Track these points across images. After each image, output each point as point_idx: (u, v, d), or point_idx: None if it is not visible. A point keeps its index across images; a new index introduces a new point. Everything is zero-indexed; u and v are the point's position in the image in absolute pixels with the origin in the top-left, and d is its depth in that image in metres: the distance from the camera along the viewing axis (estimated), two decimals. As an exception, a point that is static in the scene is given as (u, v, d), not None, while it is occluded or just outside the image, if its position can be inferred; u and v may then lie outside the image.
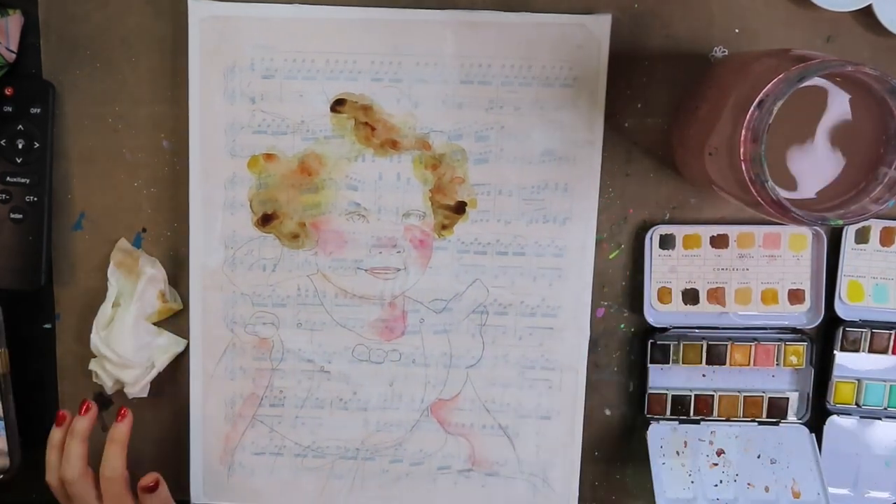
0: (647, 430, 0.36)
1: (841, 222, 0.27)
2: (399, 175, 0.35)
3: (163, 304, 0.36)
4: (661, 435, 0.36)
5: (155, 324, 0.37)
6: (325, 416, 0.36)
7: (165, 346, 0.37)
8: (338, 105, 0.34)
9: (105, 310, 0.36)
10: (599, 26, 0.33)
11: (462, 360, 0.36)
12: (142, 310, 0.36)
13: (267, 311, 0.36)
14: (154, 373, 0.36)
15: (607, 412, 0.38)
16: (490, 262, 0.35)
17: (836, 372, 0.36)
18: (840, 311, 0.36)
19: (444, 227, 0.35)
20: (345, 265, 0.35)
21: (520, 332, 0.36)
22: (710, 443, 0.36)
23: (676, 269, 0.36)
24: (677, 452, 0.36)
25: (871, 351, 0.36)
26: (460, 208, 0.35)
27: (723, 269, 0.36)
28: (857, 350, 0.36)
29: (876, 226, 0.35)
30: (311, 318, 0.36)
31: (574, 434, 0.36)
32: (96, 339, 0.36)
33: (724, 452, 0.36)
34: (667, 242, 0.35)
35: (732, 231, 0.36)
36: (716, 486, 0.36)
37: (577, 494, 0.37)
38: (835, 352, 0.36)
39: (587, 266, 0.35)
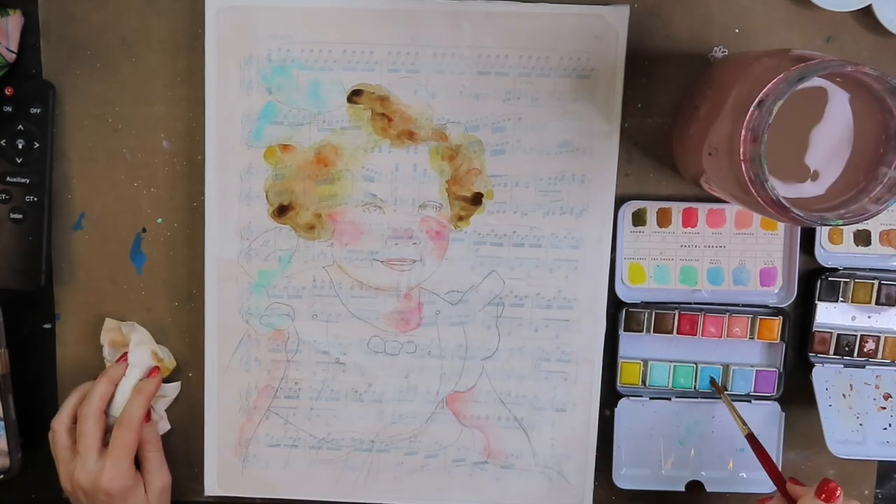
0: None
1: (841, 222, 0.34)
2: (416, 166, 0.44)
3: (159, 363, 0.45)
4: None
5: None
6: (340, 407, 0.46)
7: (160, 393, 0.46)
8: (355, 96, 0.44)
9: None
10: (617, 17, 0.43)
11: (478, 351, 0.46)
12: (140, 373, 0.45)
13: (282, 303, 0.45)
14: (156, 417, 0.46)
15: (607, 412, 0.47)
16: (506, 254, 0.45)
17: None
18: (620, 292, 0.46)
19: (460, 218, 0.45)
20: (361, 256, 0.45)
21: (535, 323, 0.45)
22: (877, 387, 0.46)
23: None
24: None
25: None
26: (477, 199, 0.44)
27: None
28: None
29: (652, 208, 0.45)
30: (326, 309, 0.45)
31: (589, 426, 0.46)
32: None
33: (890, 396, 0.46)
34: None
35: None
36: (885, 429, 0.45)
37: (593, 487, 0.46)
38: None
39: (603, 258, 0.45)
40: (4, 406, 0.44)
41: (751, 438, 0.43)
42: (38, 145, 0.44)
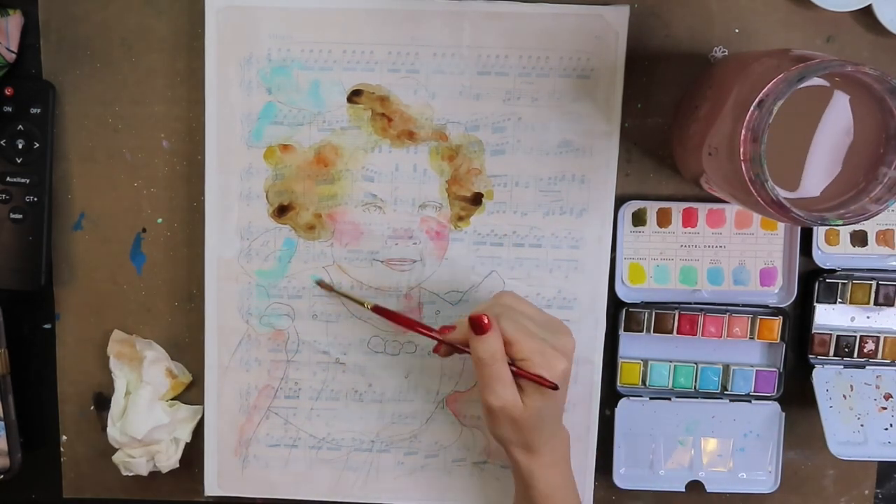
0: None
1: (841, 222, 0.34)
2: (416, 166, 0.44)
3: (173, 379, 0.46)
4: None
5: (172, 399, 0.46)
6: (341, 407, 0.46)
7: (186, 418, 0.46)
8: (355, 96, 0.44)
9: (118, 401, 0.45)
10: (617, 17, 0.43)
11: (478, 351, 0.45)
12: (154, 391, 0.45)
13: (282, 303, 0.45)
14: (182, 445, 0.46)
15: (607, 412, 0.47)
16: (506, 254, 0.45)
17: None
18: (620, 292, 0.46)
19: (460, 218, 0.45)
20: (361, 256, 0.45)
21: (536, 324, 0.45)
22: (877, 387, 0.46)
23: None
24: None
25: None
26: (477, 199, 0.44)
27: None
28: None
29: (652, 208, 0.45)
30: (326, 309, 0.45)
31: (590, 426, 0.46)
32: (113, 432, 0.45)
33: (891, 396, 0.46)
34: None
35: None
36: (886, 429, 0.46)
37: (593, 487, 0.46)
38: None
39: (603, 258, 0.45)
40: (4, 406, 0.44)
41: (376, 310, 0.42)
42: (38, 145, 0.44)
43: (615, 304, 0.46)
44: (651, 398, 0.47)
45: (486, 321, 0.37)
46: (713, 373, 0.47)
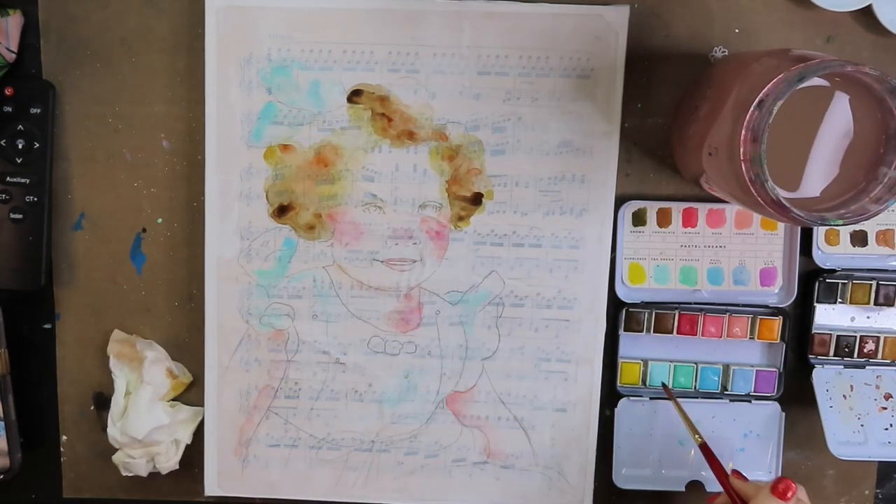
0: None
1: (841, 222, 0.34)
2: (416, 166, 0.44)
3: (174, 380, 0.46)
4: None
5: (173, 399, 0.46)
6: (341, 407, 0.46)
7: (187, 419, 0.46)
8: (355, 96, 0.44)
9: (117, 401, 0.45)
10: (617, 17, 0.43)
11: (478, 351, 0.46)
12: (155, 391, 0.45)
13: (282, 303, 0.45)
14: (182, 447, 0.46)
15: (607, 412, 0.47)
16: (506, 254, 0.45)
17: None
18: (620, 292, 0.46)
19: (460, 218, 0.45)
20: (361, 256, 0.45)
21: (536, 324, 0.45)
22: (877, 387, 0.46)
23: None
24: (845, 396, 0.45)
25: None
26: (477, 199, 0.44)
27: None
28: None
29: (652, 208, 0.45)
30: (326, 309, 0.45)
31: (590, 427, 0.46)
32: (113, 432, 0.45)
33: (891, 396, 0.46)
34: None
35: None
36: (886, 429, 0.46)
37: (593, 487, 0.46)
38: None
39: (604, 258, 0.45)
40: (4, 406, 0.44)
41: (704, 448, 0.43)
42: (38, 145, 0.44)
43: (615, 304, 0.46)
44: (651, 398, 0.47)
45: (791, 489, 0.37)
46: (713, 373, 0.47)
